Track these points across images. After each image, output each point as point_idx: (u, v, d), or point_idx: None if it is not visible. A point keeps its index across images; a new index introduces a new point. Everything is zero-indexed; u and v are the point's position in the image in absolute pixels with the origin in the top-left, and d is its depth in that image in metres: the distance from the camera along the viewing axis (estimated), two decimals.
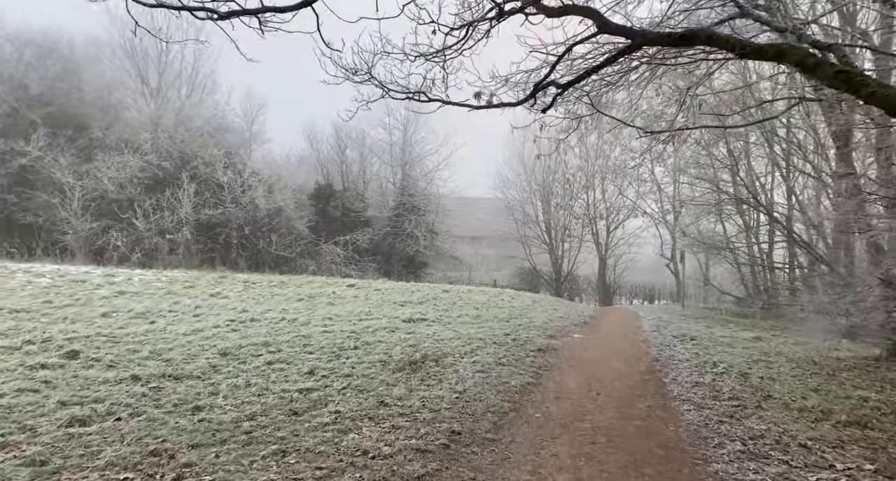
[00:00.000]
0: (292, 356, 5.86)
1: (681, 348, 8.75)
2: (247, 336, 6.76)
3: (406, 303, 12.32)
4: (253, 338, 6.67)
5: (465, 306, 12.49)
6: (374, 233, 23.25)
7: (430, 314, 10.55)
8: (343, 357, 6.09)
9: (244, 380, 4.66)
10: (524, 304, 14.08)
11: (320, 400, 4.29)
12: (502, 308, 12.84)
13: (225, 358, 5.51)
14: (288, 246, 17.94)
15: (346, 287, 14.63)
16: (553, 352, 7.80)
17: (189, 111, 22.07)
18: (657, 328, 11.42)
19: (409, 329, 8.52)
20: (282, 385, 4.67)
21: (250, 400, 4.12)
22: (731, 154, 13.86)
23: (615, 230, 26.20)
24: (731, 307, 20.21)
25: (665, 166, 22.60)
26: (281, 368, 5.30)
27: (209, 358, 5.42)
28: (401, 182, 23.74)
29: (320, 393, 4.54)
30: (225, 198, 17.46)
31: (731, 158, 14.25)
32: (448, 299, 13.52)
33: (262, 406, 4.02)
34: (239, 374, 4.90)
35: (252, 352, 5.86)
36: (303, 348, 6.31)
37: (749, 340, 10.51)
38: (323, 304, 10.98)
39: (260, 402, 4.09)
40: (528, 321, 10.80)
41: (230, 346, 5.96)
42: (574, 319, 12.03)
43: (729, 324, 13.87)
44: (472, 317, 10.61)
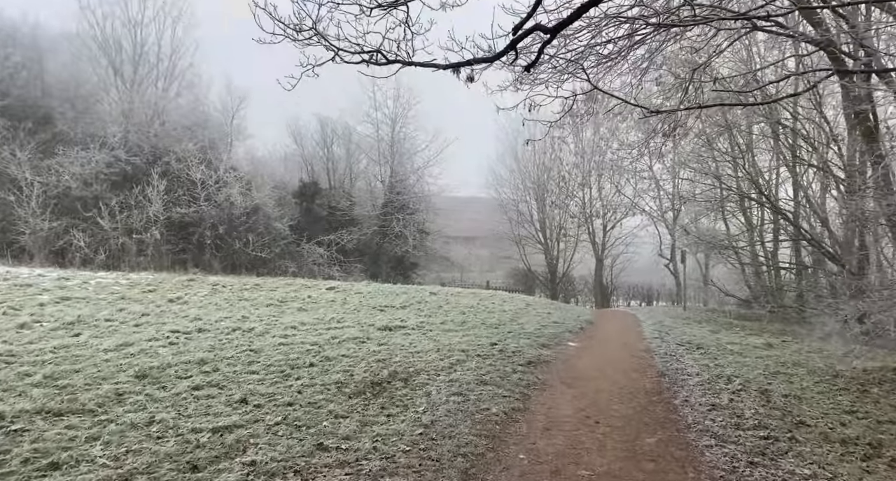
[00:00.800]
0: (229, 377, 4.85)
1: (688, 359, 7.81)
2: (183, 351, 5.74)
3: (387, 307, 11.33)
4: (190, 353, 5.66)
5: (452, 311, 11.52)
6: (361, 232, 22.23)
7: (411, 320, 9.56)
8: (293, 377, 5.09)
9: (148, 416, 3.65)
10: (516, 308, 13.12)
11: (237, 445, 3.29)
12: (492, 312, 11.88)
13: (141, 381, 4.50)
14: (266, 246, 16.90)
15: (325, 290, 13.64)
16: (545, 366, 6.83)
17: (166, 105, 20.98)
18: (659, 334, 10.49)
19: (382, 339, 7.53)
20: (196, 421, 3.67)
21: (139, 449, 3.11)
22: (737, 145, 12.96)
23: (612, 229, 25.32)
24: (734, 309, 19.36)
25: (664, 162, 21.76)
26: (207, 395, 4.29)
27: (120, 382, 4.41)
28: (389, 179, 22.73)
29: (243, 431, 3.54)
30: (199, 195, 16.39)
31: (737, 150, 13.35)
32: (434, 303, 12.55)
33: (153, 456, 3.02)
34: (147, 406, 3.89)
35: (180, 373, 4.85)
36: (246, 366, 5.30)
37: (760, 348, 9.60)
38: (292, 310, 9.97)
39: (151, 451, 3.09)
40: (519, 327, 9.84)
41: (155, 366, 4.94)
42: (569, 325, 11.08)
43: (734, 329, 12.97)
44: (458, 324, 9.63)
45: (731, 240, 14.74)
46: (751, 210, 16.66)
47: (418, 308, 11.52)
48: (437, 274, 34.43)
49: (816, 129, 13.12)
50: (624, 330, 11.52)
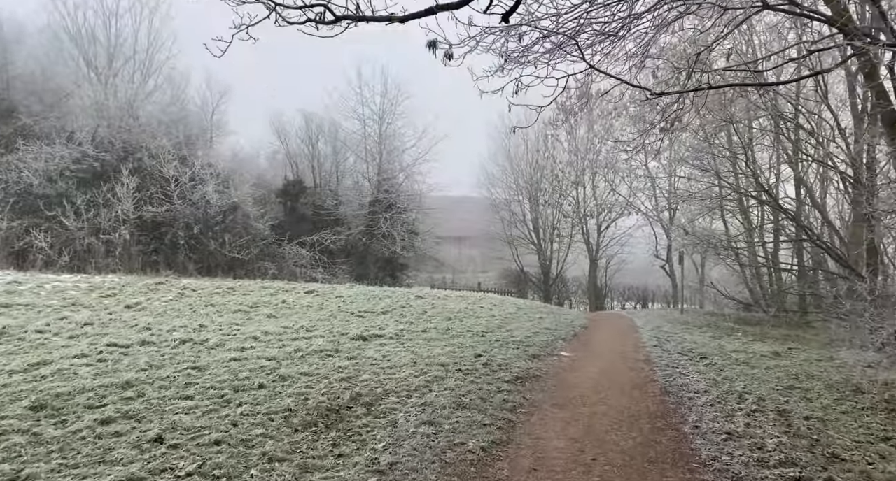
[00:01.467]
0: (153, 406, 4.04)
1: (692, 371, 7.08)
2: (110, 371, 4.92)
3: (366, 313, 10.52)
4: (118, 373, 4.83)
5: (436, 316, 10.74)
6: (347, 232, 21.41)
7: (390, 328, 8.77)
8: (233, 403, 4.28)
9: (13, 469, 2.82)
10: (506, 313, 12.36)
11: None
12: (480, 318, 11.11)
13: (35, 415, 3.68)
14: (244, 247, 16.03)
15: (304, 293, 12.81)
16: (534, 382, 6.06)
17: (142, 99, 20.06)
18: (658, 341, 9.77)
19: (353, 351, 6.73)
20: (77, 473, 2.85)
21: None
22: (734, 143, 12.28)
23: (606, 229, 24.67)
24: (732, 312, 18.73)
25: (660, 160, 21.12)
26: (115, 432, 3.47)
27: (6, 416, 3.57)
28: (376, 177, 21.91)
29: None
30: (172, 193, 15.49)
31: (736, 145, 12.66)
32: (419, 307, 11.76)
33: None
34: (22, 452, 3.07)
35: (92, 401, 4.03)
36: (180, 390, 4.48)
37: (767, 356, 8.90)
38: (261, 317, 9.13)
39: None
40: (508, 335, 9.07)
41: (64, 392, 4.12)
42: (562, 331, 10.33)
43: (736, 334, 12.29)
44: (441, 332, 8.85)
45: (731, 241, 14.07)
46: (750, 209, 16.03)
47: (400, 313, 10.72)
48: (429, 275, 33.66)
49: (818, 124, 12.49)
50: (620, 336, 10.79)
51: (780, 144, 13.97)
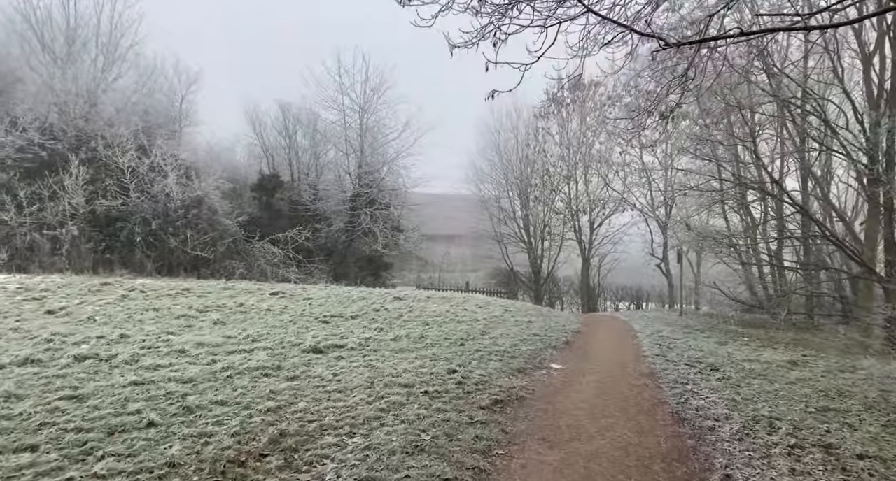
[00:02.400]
0: None
1: (706, 389, 5.98)
2: None
3: (333, 317, 9.31)
4: None
5: (413, 321, 9.56)
6: (327, 229, 20.15)
7: (355, 336, 7.58)
8: (96, 455, 3.07)
9: None
10: (491, 316, 11.22)
11: None
12: (461, 322, 9.95)
13: None
14: (209, 244, 14.71)
15: (269, 295, 11.58)
16: (517, 407, 4.92)
17: (105, 86, 18.64)
18: (661, 350, 8.68)
19: (299, 368, 5.53)
20: None
21: None
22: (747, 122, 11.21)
23: (599, 227, 23.65)
24: (732, 314, 17.78)
25: (656, 154, 20.13)
26: None
27: None
28: (357, 171, 20.62)
29: None
30: (129, 185, 14.12)
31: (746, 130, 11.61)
32: (394, 311, 10.58)
33: None
34: None
35: None
36: (27, 434, 3.26)
37: (784, 367, 7.85)
38: (206, 324, 7.89)
39: None
40: (491, 343, 7.93)
41: None
42: (552, 337, 9.21)
43: (742, 339, 11.28)
44: (414, 340, 7.68)
45: (735, 237, 13.05)
46: (753, 204, 15.04)
47: (372, 318, 9.53)
48: (416, 274, 32.49)
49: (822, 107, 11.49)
50: (618, 343, 9.70)
51: (784, 133, 12.99)
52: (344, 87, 20.42)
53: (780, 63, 11.32)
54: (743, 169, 13.29)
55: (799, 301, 14.95)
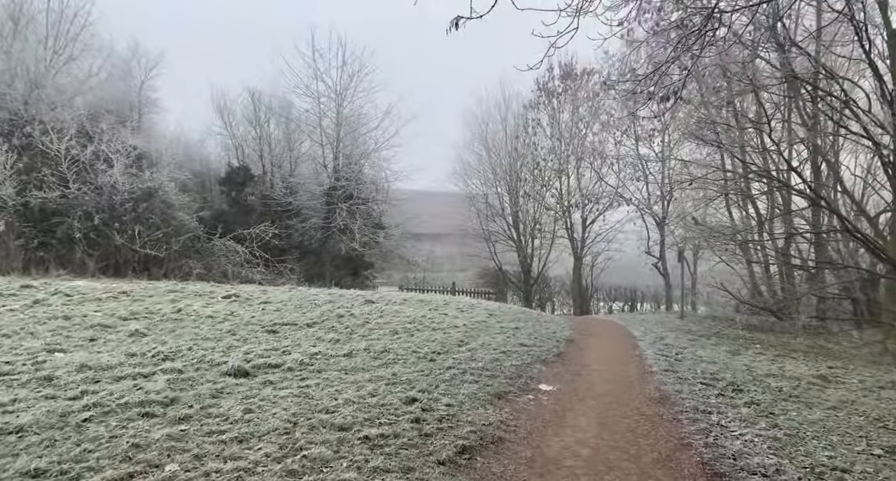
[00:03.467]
0: None
1: (734, 419, 4.70)
2: None
3: (284, 326, 7.91)
4: None
5: (379, 329, 8.18)
6: (299, 225, 18.69)
7: (301, 350, 6.21)
8: None
9: None
10: (473, 322, 9.87)
11: None
12: (437, 330, 8.59)
13: None
14: (162, 241, 13.19)
15: (220, 299, 10.16)
16: (490, 456, 3.58)
17: (56, 68, 17.01)
18: (668, 362, 7.41)
19: (201, 402, 4.13)
20: None
21: None
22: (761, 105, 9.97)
23: (592, 223, 22.42)
24: (734, 316, 16.63)
25: (652, 146, 18.96)
26: None
27: None
28: (333, 163, 19.13)
29: None
30: (68, 176, 12.55)
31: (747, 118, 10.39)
32: (361, 317, 9.19)
33: None
34: None
35: None
36: None
37: (816, 384, 6.63)
38: (117, 337, 6.44)
39: None
40: (468, 357, 6.59)
41: None
42: (542, 348, 7.89)
43: (754, 346, 10.07)
44: (373, 356, 6.31)
45: (745, 233, 11.84)
46: (758, 197, 13.85)
47: (332, 326, 8.13)
48: (403, 274, 31.08)
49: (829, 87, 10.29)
50: (617, 354, 8.40)
51: (794, 118, 11.79)
52: (318, 72, 18.95)
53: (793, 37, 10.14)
54: (750, 157, 12.07)
55: (807, 302, 13.84)
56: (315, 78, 18.73)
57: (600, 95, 20.84)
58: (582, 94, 21.49)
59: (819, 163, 11.62)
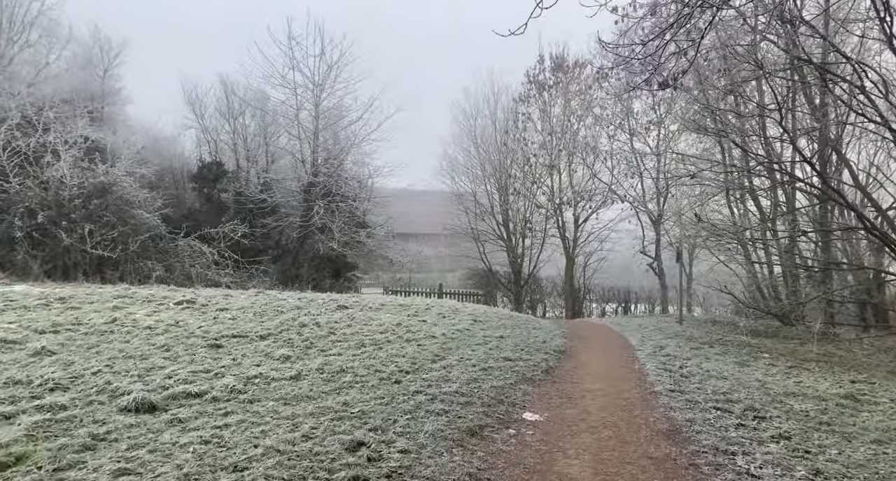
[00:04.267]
0: None
1: (766, 462, 3.74)
2: None
3: (232, 339, 6.85)
4: None
5: (344, 342, 7.16)
6: (275, 224, 17.57)
7: (239, 370, 5.17)
8: None
9: None
10: (455, 330, 8.88)
11: None
12: (410, 341, 7.58)
13: None
14: (118, 241, 12.02)
15: (172, 305, 9.09)
16: None
17: (12, 54, 15.79)
18: (673, 380, 6.46)
19: (61, 460, 3.08)
20: None
21: None
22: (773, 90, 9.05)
23: (585, 222, 21.52)
24: (733, 319, 15.80)
25: (647, 139, 18.10)
26: None
27: None
28: (311, 158, 17.99)
29: None
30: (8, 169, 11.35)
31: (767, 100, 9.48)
32: (326, 326, 8.16)
33: None
34: None
35: None
36: None
37: (845, 406, 5.73)
38: (16, 357, 5.35)
39: None
40: (442, 377, 5.59)
41: None
42: (529, 362, 6.91)
43: (762, 356, 9.20)
44: (326, 378, 5.29)
45: (752, 232, 10.95)
46: (761, 192, 12.99)
47: (288, 339, 7.08)
48: (392, 275, 30.00)
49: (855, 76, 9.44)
50: (614, 368, 7.44)
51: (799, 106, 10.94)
52: (295, 61, 17.79)
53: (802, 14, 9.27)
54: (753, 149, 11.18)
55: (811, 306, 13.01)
56: (291, 67, 17.63)
57: (593, 88, 19.96)
58: (574, 87, 20.58)
59: (827, 155, 10.75)
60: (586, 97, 19.80)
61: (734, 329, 12.88)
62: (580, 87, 20.31)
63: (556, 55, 21.14)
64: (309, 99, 17.90)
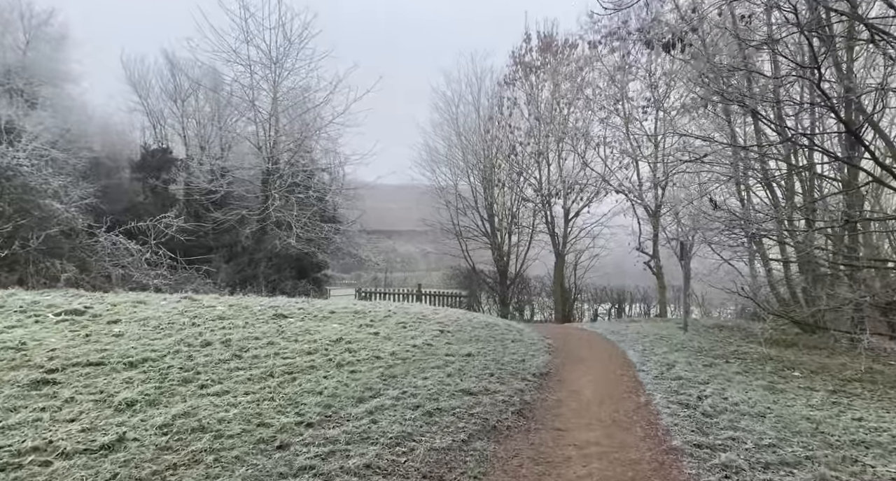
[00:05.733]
0: None
1: None
2: None
3: (88, 367, 4.95)
4: None
5: (245, 371, 5.26)
6: (227, 218, 15.58)
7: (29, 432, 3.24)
8: None
9: None
10: (410, 347, 7.02)
11: None
12: (341, 366, 5.71)
13: None
14: (20, 236, 10.00)
15: (51, 316, 7.14)
16: None
17: None
18: (693, 419, 4.67)
19: None
20: None
21: None
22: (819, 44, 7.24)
23: (576, 217, 19.76)
24: (738, 322, 14.12)
25: (644, 125, 16.36)
26: None
27: None
28: (269, 144, 15.96)
29: None
30: None
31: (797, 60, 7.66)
32: (237, 345, 6.25)
33: None
34: None
35: None
36: None
37: None
38: None
39: None
40: (358, 435, 3.71)
41: None
42: (496, 397, 5.07)
43: (791, 373, 7.47)
44: (162, 445, 3.37)
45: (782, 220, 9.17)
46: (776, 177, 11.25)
47: (165, 368, 5.16)
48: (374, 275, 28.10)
49: None
50: (613, 402, 5.61)
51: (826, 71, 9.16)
52: (249, 34, 15.71)
53: None
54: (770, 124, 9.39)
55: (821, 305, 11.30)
56: (245, 41, 15.56)
57: (585, 70, 18.19)
58: (564, 69, 18.77)
59: (859, 127, 8.96)
60: (577, 80, 18.01)
61: (746, 336, 11.17)
62: (570, 70, 18.51)
63: (544, 33, 19.35)
64: (266, 77, 15.89)
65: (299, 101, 16.26)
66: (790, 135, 7.49)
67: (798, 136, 7.67)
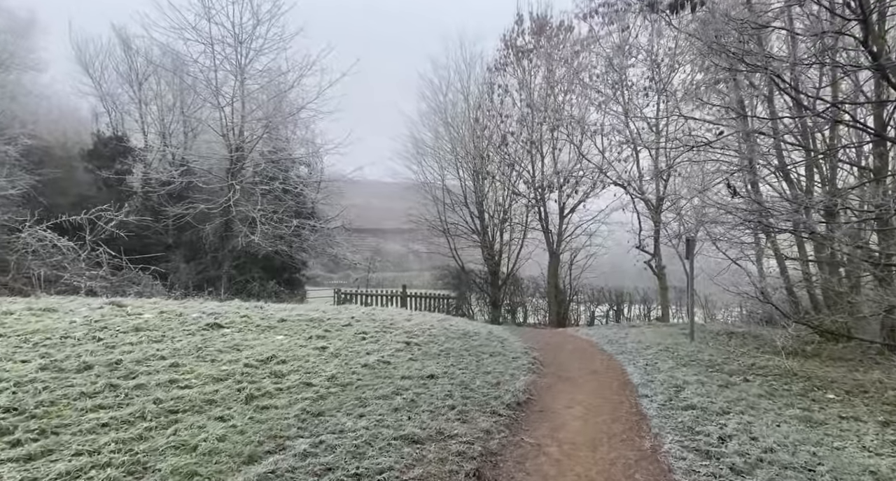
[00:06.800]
0: None
1: None
2: None
3: None
4: None
5: (108, 411, 3.88)
6: (187, 213, 14.18)
7: None
8: None
9: None
10: (357, 366, 5.68)
11: None
12: (251, 400, 4.35)
13: None
14: None
15: None
16: None
17: None
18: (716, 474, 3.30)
19: None
20: None
21: None
22: None
23: (571, 213, 18.39)
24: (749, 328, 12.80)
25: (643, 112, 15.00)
26: None
27: None
28: (234, 131, 14.50)
29: None
30: None
31: None
32: (125, 369, 4.89)
33: None
34: None
35: None
36: None
37: None
38: None
39: None
40: None
41: None
42: (449, 450, 3.71)
43: (827, 396, 6.17)
44: None
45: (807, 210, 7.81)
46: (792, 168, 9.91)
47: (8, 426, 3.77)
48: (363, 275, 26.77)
49: None
50: (610, 444, 4.26)
51: None
52: (210, 10, 14.22)
53: None
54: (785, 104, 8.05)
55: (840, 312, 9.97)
56: (206, 17, 14.10)
57: (581, 55, 16.83)
58: (558, 52, 17.40)
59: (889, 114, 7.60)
60: (574, 64, 16.64)
61: (760, 345, 9.84)
62: (566, 53, 17.14)
63: (537, 15, 17.96)
64: (230, 57, 14.44)
65: (267, 84, 14.84)
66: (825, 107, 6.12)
67: (834, 109, 6.29)
